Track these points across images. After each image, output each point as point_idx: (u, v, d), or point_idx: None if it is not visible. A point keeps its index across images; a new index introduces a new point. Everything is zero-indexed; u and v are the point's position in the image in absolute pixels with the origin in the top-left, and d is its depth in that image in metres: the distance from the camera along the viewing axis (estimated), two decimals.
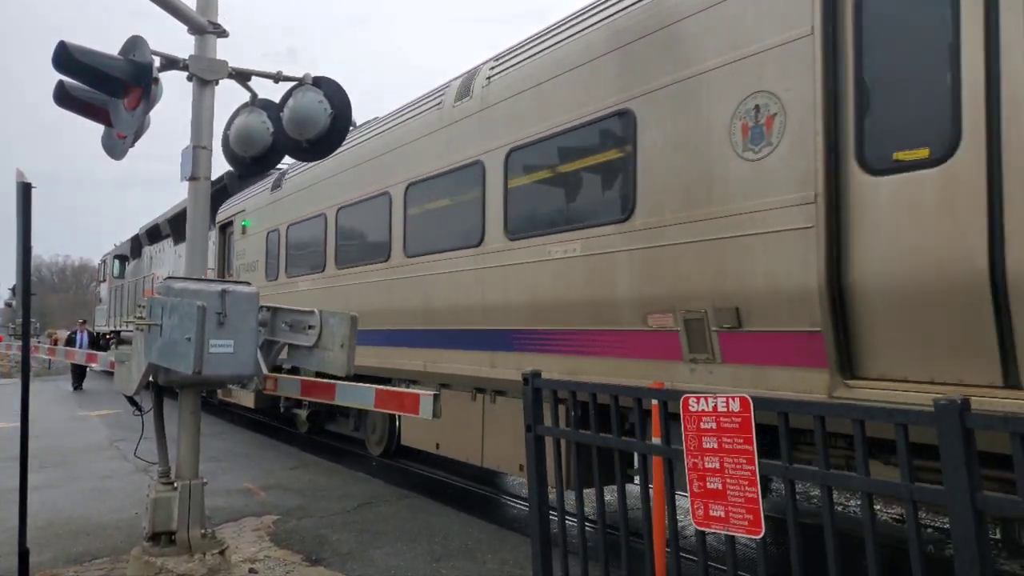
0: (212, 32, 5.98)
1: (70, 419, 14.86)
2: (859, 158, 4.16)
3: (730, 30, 4.80)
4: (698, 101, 5.01)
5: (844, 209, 4.20)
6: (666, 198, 5.20)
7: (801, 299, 4.33)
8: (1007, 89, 3.55)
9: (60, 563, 5.86)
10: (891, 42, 4.09)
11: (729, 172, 4.77)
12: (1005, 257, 3.52)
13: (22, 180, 4.83)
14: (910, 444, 2.49)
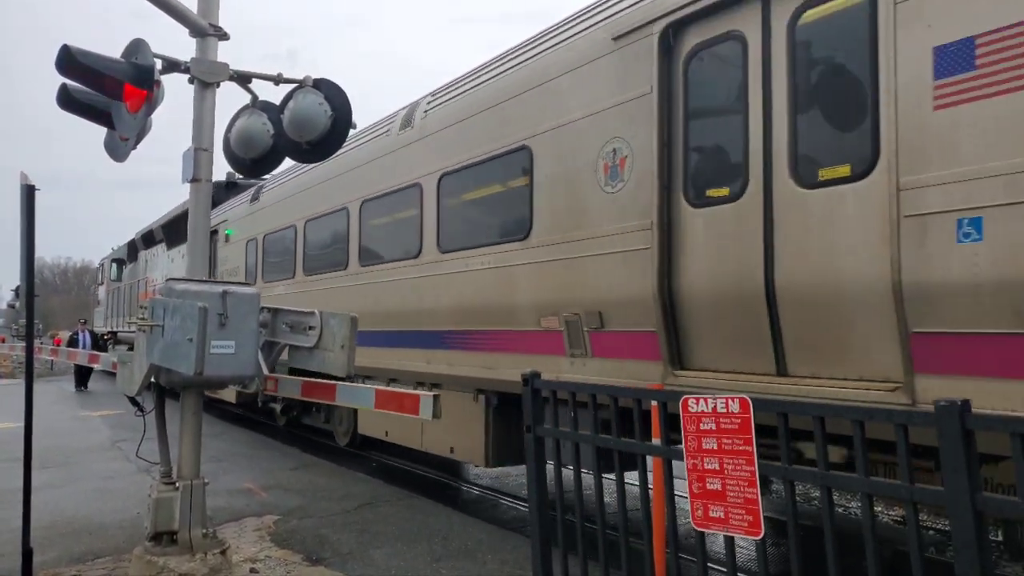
0: (213, 35, 6.00)
1: (72, 419, 14.89)
2: (685, 193, 5.20)
3: (594, 86, 5.86)
4: (574, 143, 6.05)
5: (674, 234, 5.23)
6: (553, 221, 6.22)
7: (643, 306, 5.31)
8: (776, 147, 4.61)
9: (63, 563, 5.88)
10: (707, 103, 5.15)
11: (595, 202, 5.79)
12: (775, 275, 4.57)
13: (26, 183, 4.85)
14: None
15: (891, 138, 4.01)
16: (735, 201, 4.85)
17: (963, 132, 3.76)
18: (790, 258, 4.53)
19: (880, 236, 4.05)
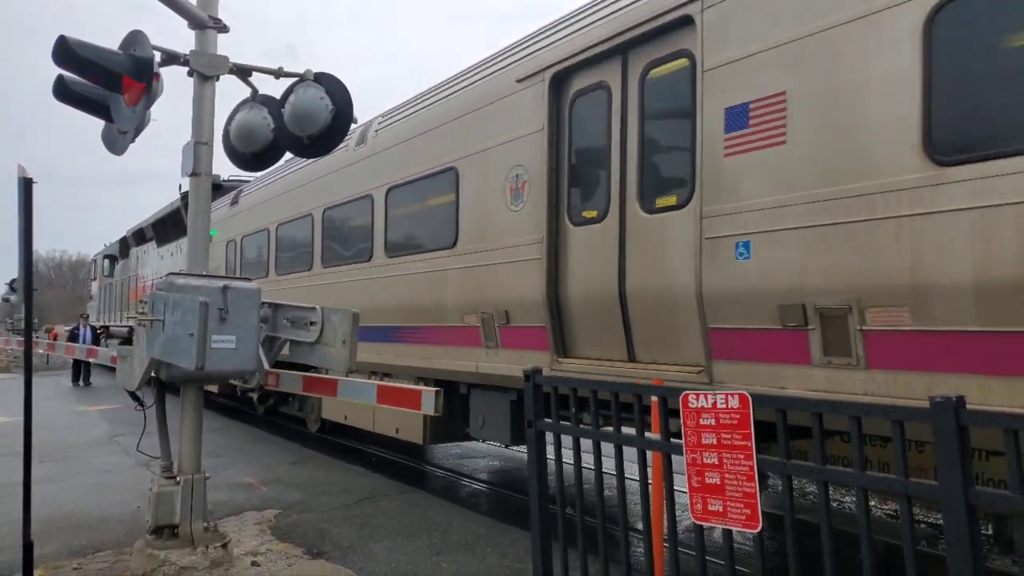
0: (213, 27, 5.99)
1: (70, 414, 14.90)
2: (568, 214, 6.27)
3: (503, 120, 6.86)
4: (489, 167, 7.02)
5: (560, 248, 6.31)
6: (474, 233, 7.21)
7: (536, 307, 6.38)
8: (629, 178, 5.71)
9: (63, 556, 5.90)
10: (585, 140, 6.17)
11: (504, 219, 6.80)
12: (626, 283, 5.68)
13: (24, 176, 4.84)
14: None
15: (699, 176, 5.03)
16: (600, 222, 5.96)
17: (741, 175, 4.79)
18: (636, 270, 5.63)
19: (691, 253, 5.08)
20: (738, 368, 4.86)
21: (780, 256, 4.54)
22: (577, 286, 6.15)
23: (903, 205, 3.95)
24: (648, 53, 5.64)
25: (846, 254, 4.18)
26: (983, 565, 2.35)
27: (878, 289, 4.06)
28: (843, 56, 4.28)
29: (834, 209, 4.25)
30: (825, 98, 4.38)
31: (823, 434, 2.85)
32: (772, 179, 4.59)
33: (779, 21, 4.63)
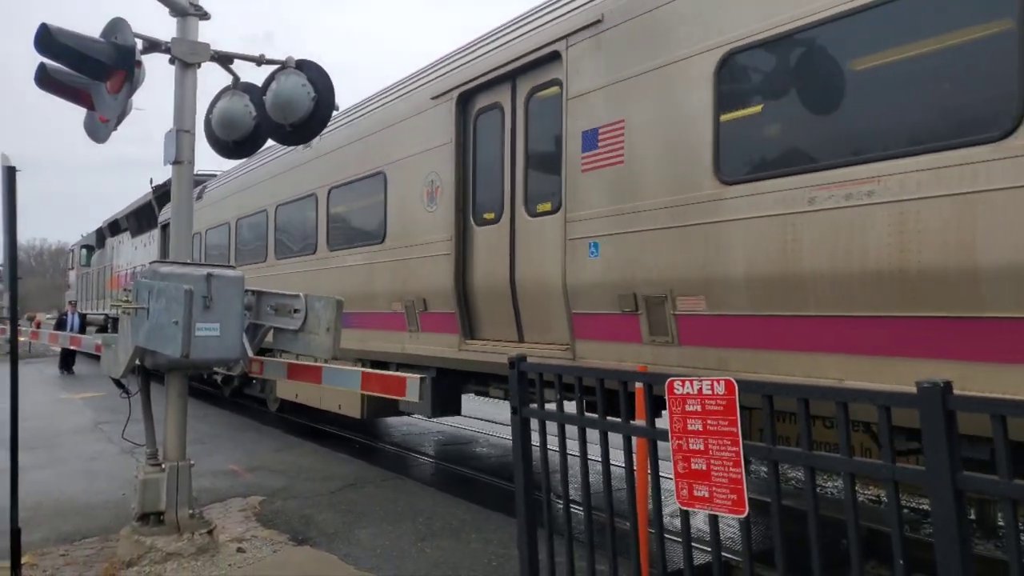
0: (194, 14, 5.92)
1: (54, 401, 14.78)
2: (473, 216, 7.14)
3: (421, 132, 7.74)
4: (410, 173, 7.91)
5: (466, 245, 7.18)
6: (399, 230, 8.12)
7: (447, 295, 7.28)
8: (517, 187, 6.61)
9: (51, 542, 5.88)
10: (486, 152, 7.04)
11: (422, 218, 7.70)
12: (516, 275, 6.59)
13: (7, 164, 4.78)
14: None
15: (565, 187, 5.93)
16: (496, 223, 6.87)
17: (593, 187, 5.70)
18: (523, 265, 6.56)
19: (559, 251, 5.99)
20: (593, 346, 5.81)
21: (619, 255, 5.49)
22: (480, 278, 7.09)
23: (700, 215, 4.89)
24: (531, 80, 6.54)
25: (663, 253, 5.15)
26: (970, 549, 2.39)
27: (684, 281, 5.01)
28: (664, 93, 5.18)
29: (656, 217, 5.21)
30: (651, 127, 5.28)
31: (809, 419, 2.88)
32: (614, 191, 5.54)
33: (620, 60, 5.55)
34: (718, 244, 4.76)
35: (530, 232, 6.48)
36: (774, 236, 4.46)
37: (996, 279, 3.59)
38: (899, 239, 3.94)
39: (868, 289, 4.08)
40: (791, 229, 4.40)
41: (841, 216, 4.18)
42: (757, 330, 4.63)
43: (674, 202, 5.07)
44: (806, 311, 4.38)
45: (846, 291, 4.18)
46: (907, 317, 3.96)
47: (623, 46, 5.52)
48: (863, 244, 4.08)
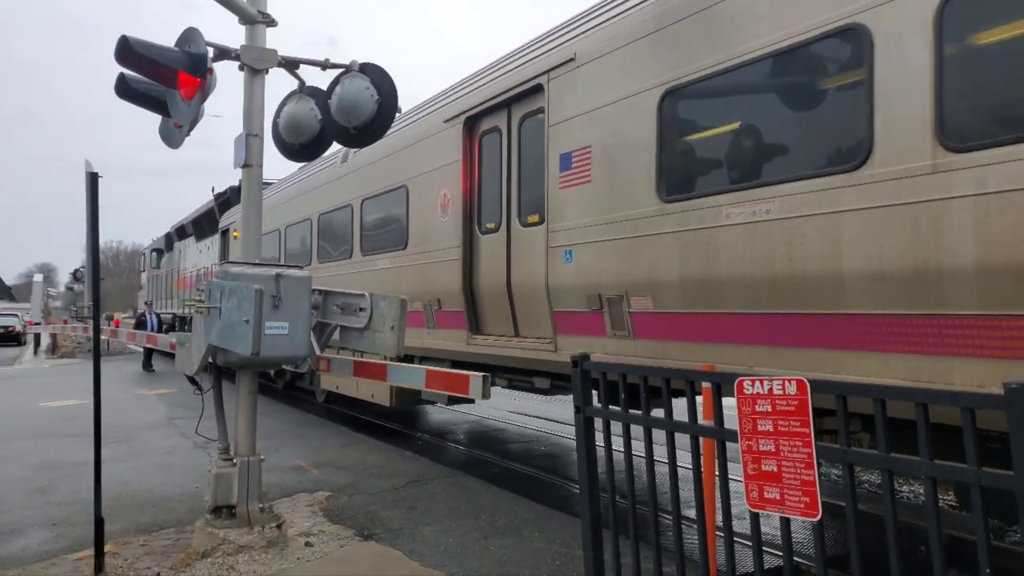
0: (262, 22, 6.07)
1: (130, 397, 15.38)
2: (478, 225, 8.10)
3: (436, 151, 8.73)
4: (427, 187, 8.90)
5: (473, 251, 8.13)
6: (419, 237, 9.10)
7: (457, 295, 8.19)
8: (513, 200, 7.54)
9: (131, 532, 6.13)
10: (489, 169, 7.98)
11: (437, 227, 8.67)
12: (512, 278, 7.50)
13: (90, 170, 5.00)
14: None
15: (547, 202, 6.83)
16: (496, 232, 7.78)
17: (568, 203, 6.57)
18: (517, 269, 7.41)
19: (544, 257, 6.88)
20: (570, 339, 6.69)
21: (587, 261, 6.35)
22: (483, 280, 7.98)
23: (646, 228, 5.76)
24: (523, 107, 7.45)
25: (619, 260, 5.99)
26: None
27: (635, 284, 5.85)
28: (619, 123, 6.05)
29: (615, 229, 6.04)
30: (611, 152, 6.13)
31: (887, 421, 2.78)
32: (583, 207, 6.40)
33: (587, 93, 6.41)
34: (659, 253, 5.64)
35: (522, 240, 7.39)
36: (700, 246, 5.30)
37: (856, 283, 4.35)
38: (788, 249, 4.69)
39: (768, 291, 4.84)
40: (711, 240, 5.21)
41: (748, 230, 4.95)
42: (689, 325, 5.52)
43: (628, 216, 5.95)
44: (724, 309, 5.20)
45: (752, 292, 4.95)
46: (796, 314, 4.73)
47: (590, 81, 6.41)
48: (764, 253, 4.83)
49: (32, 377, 21.26)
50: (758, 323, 4.97)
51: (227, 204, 20.59)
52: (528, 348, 7.18)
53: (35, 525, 6.40)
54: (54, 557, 5.60)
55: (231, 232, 18.07)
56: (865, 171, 4.31)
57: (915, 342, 4.13)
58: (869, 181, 4.28)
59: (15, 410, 13.56)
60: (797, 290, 4.66)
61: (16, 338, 42.91)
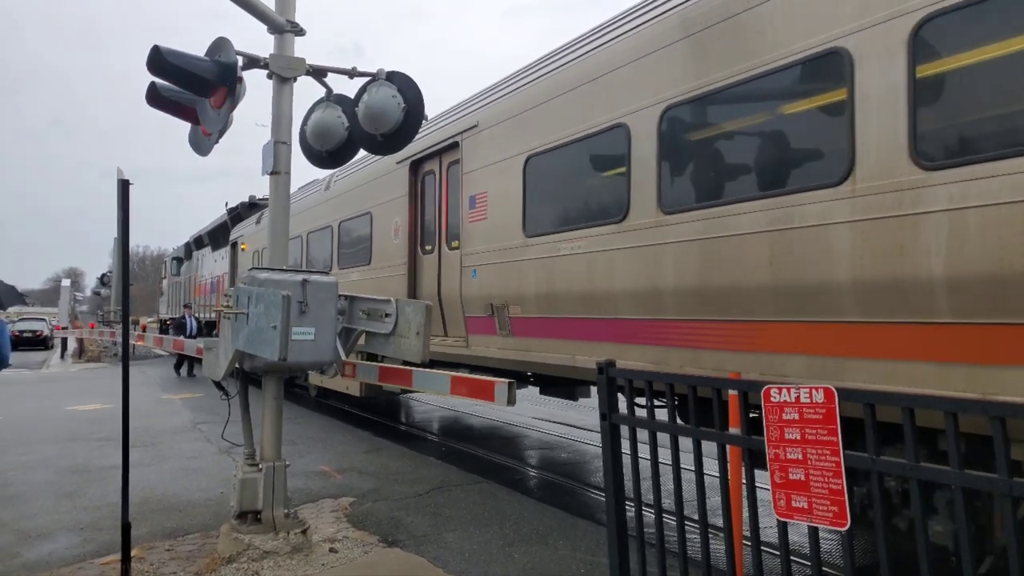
0: (290, 31, 6.16)
1: (155, 402, 15.56)
2: (421, 247, 10.11)
3: (391, 185, 10.79)
4: (386, 214, 10.96)
5: (416, 268, 10.19)
6: (379, 255, 11.17)
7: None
8: (443, 229, 9.49)
9: (157, 537, 6.20)
10: (428, 203, 9.94)
11: (392, 247, 10.74)
12: (441, 290, 9.35)
13: (121, 178, 5.09)
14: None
15: (462, 232, 8.79)
16: (432, 253, 9.76)
17: (473, 234, 8.53)
18: (444, 282, 9.30)
19: (459, 274, 8.76)
20: (476, 338, 8.54)
21: (484, 277, 8.24)
22: (423, 291, 9.93)
23: (515, 256, 7.68)
24: (449, 156, 9.37)
25: (501, 277, 7.93)
26: None
27: (511, 296, 7.77)
28: (502, 177, 8.05)
29: (501, 256, 7.96)
30: (498, 198, 8.11)
31: (915, 430, 2.76)
32: (482, 237, 8.33)
33: (484, 153, 8.44)
34: (525, 274, 7.55)
35: (448, 260, 9.29)
36: (545, 270, 7.24)
37: (623, 298, 6.24)
38: (588, 274, 6.63)
39: (581, 302, 6.74)
40: (548, 265, 7.19)
41: (569, 259, 6.89)
42: (543, 326, 7.40)
43: (507, 246, 7.88)
44: (562, 314, 7.08)
45: (576, 302, 6.82)
46: (594, 318, 6.65)
47: (487, 143, 8.40)
48: (579, 276, 6.75)
49: (59, 381, 21.58)
50: (577, 324, 6.90)
51: (239, 218, 22.29)
52: (451, 345, 9.06)
53: (63, 529, 6.49)
54: (81, 561, 5.68)
55: (239, 245, 20.12)
56: (627, 222, 6.19)
57: (649, 338, 6.08)
58: (628, 230, 6.19)
59: (43, 414, 13.78)
60: (594, 302, 6.58)
61: (43, 342, 43.60)
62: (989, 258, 3.75)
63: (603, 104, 6.54)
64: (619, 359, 5.71)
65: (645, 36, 6.15)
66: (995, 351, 3.77)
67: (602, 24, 7.11)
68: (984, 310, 3.80)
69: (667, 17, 5.97)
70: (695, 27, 5.60)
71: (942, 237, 3.95)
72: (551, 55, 7.80)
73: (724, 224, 5.24)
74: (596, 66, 6.71)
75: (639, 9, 6.52)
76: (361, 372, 6.47)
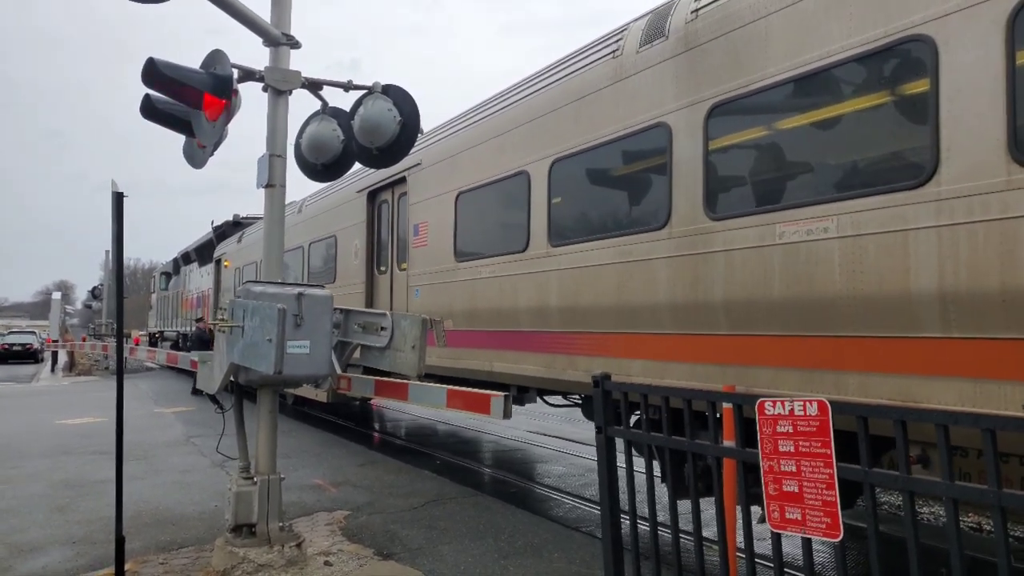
0: (286, 44, 6.19)
1: (148, 416, 15.49)
2: (377, 268, 11.44)
3: (353, 212, 12.11)
4: (348, 237, 12.29)
5: (373, 285, 11.49)
6: (343, 274, 12.47)
7: None
8: (395, 252, 10.87)
9: (151, 551, 6.17)
10: (383, 228, 11.34)
11: (353, 267, 12.03)
12: (392, 306, 10.69)
13: (115, 190, 5.10)
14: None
15: (408, 255, 10.09)
16: (385, 273, 11.08)
17: (417, 258, 9.84)
18: (395, 299, 10.63)
19: (406, 293, 10.13)
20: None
21: (425, 296, 9.55)
22: (379, 306, 11.02)
23: (449, 277, 9.03)
24: (400, 189, 10.63)
25: (437, 296, 9.25)
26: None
27: (444, 311, 8.89)
28: (439, 209, 9.32)
29: (435, 276, 9.34)
30: (436, 226, 9.38)
31: (907, 442, 2.79)
32: (424, 261, 9.64)
33: (425, 187, 9.77)
34: (456, 293, 8.85)
35: (399, 280, 10.56)
36: (470, 289, 8.53)
37: (524, 314, 7.55)
38: (499, 294, 7.97)
39: (495, 317, 8.07)
40: (472, 286, 8.49)
41: (490, 281, 8.14)
42: (469, 337, 8.64)
43: (441, 269, 9.20)
44: (480, 327, 8.40)
45: (491, 317, 8.14)
46: (503, 331, 7.97)
47: (428, 179, 9.70)
48: (493, 295, 8.07)
49: (49, 395, 21.46)
50: (493, 336, 8.17)
51: (224, 236, 23.17)
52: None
53: (56, 543, 6.46)
54: (75, 575, 5.66)
55: (223, 262, 21.17)
56: (526, 252, 7.56)
57: (544, 347, 7.34)
58: (528, 259, 7.55)
59: (34, 428, 13.70)
60: (503, 317, 7.91)
61: (34, 355, 43.34)
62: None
63: (510, 154, 7.96)
64: (519, 364, 7.66)
65: (537, 101, 7.63)
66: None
67: (510, 87, 8.54)
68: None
69: (554, 87, 7.39)
70: (574, 96, 7.03)
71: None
72: (477, 107, 9.16)
73: (588, 256, 6.70)
74: (506, 122, 8.16)
75: (536, 77, 7.96)
76: (357, 386, 6.47)
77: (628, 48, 6.43)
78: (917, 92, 4.19)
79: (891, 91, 4.34)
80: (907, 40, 4.20)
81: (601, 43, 6.95)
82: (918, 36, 4.15)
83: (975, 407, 3.81)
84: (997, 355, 3.74)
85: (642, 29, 6.34)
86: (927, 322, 4.06)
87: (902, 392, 4.19)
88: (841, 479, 3.00)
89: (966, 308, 3.88)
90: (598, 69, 6.76)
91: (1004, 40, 3.77)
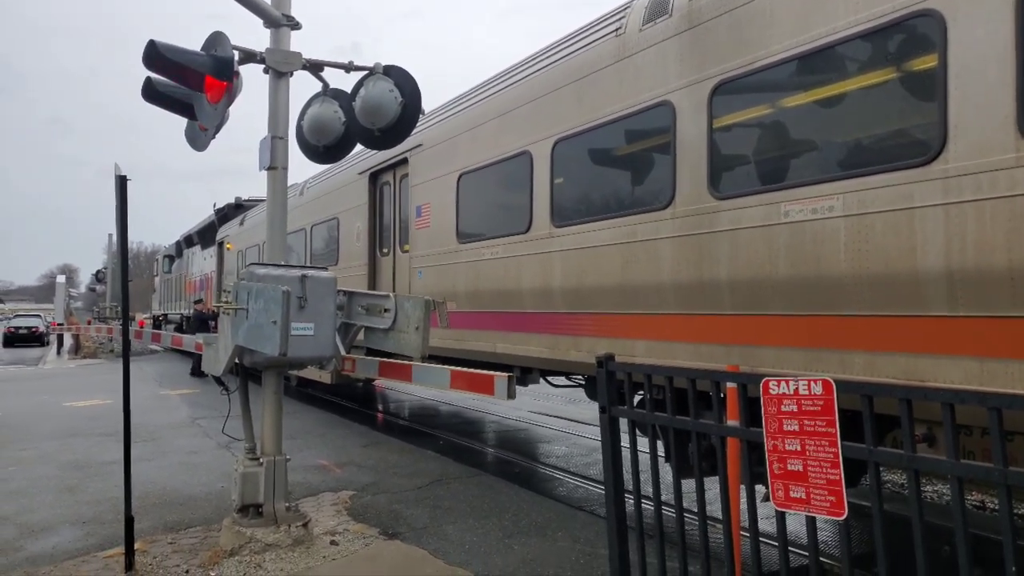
0: (286, 25, 6.14)
1: (153, 398, 15.56)
2: (379, 249, 11.57)
3: (355, 194, 12.19)
4: (351, 219, 12.38)
5: (375, 267, 11.64)
6: (345, 256, 12.56)
7: None
8: (396, 234, 11.00)
9: (159, 531, 6.23)
10: (385, 210, 11.36)
11: (356, 249, 12.10)
12: (395, 288, 10.82)
13: (119, 174, 5.08)
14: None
15: (411, 237, 10.15)
16: (388, 255, 11.19)
17: (420, 239, 9.85)
18: (398, 281, 10.70)
19: (410, 274, 10.13)
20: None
21: (428, 277, 9.55)
22: (381, 288, 11.17)
23: (451, 259, 9.03)
24: (401, 171, 10.69)
25: (440, 277, 9.25)
26: None
27: (447, 292, 8.91)
28: (441, 190, 9.34)
29: (441, 258, 9.30)
30: (439, 208, 9.38)
31: (912, 421, 2.79)
32: (427, 242, 9.64)
33: (427, 168, 9.75)
34: (459, 274, 8.86)
35: (401, 262, 10.66)
36: (473, 271, 8.53)
37: (527, 295, 7.62)
38: (503, 275, 8.03)
39: (499, 298, 8.08)
40: (475, 268, 8.52)
41: (493, 262, 8.18)
42: (472, 318, 8.66)
43: (444, 251, 9.21)
44: (483, 309, 8.40)
45: (495, 298, 8.17)
46: (507, 312, 8.00)
47: (429, 161, 9.71)
48: (496, 276, 8.10)
49: (56, 377, 21.56)
50: (497, 317, 8.20)
51: (226, 218, 23.27)
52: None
53: (66, 523, 6.52)
54: (85, 555, 5.71)
55: (225, 244, 21.44)
56: (529, 233, 7.63)
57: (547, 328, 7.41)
58: (531, 239, 7.62)
59: (41, 410, 13.78)
60: (507, 298, 7.95)
61: (39, 339, 43.52)
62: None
63: (512, 134, 7.95)
64: (523, 345, 7.76)
65: (539, 80, 7.62)
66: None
67: (512, 66, 8.53)
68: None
69: (556, 66, 7.36)
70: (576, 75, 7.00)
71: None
72: (478, 87, 9.12)
73: (591, 237, 6.71)
74: (508, 102, 8.14)
75: (535, 58, 7.97)
76: (361, 367, 6.49)
77: (631, 26, 6.37)
78: (925, 68, 4.15)
79: (898, 67, 4.30)
80: (915, 15, 4.16)
81: (604, 21, 6.88)
82: (926, 11, 4.10)
83: (981, 386, 3.81)
84: (1004, 334, 3.74)
85: (645, 7, 6.27)
86: (934, 301, 4.05)
87: (908, 371, 4.19)
88: (845, 458, 3.01)
89: (973, 286, 3.86)
90: (601, 48, 6.70)
91: (1013, 15, 3.72)
